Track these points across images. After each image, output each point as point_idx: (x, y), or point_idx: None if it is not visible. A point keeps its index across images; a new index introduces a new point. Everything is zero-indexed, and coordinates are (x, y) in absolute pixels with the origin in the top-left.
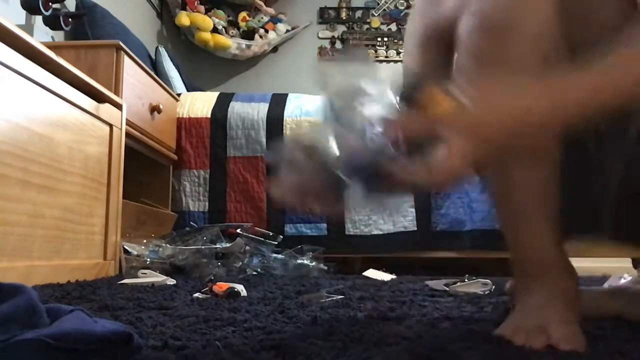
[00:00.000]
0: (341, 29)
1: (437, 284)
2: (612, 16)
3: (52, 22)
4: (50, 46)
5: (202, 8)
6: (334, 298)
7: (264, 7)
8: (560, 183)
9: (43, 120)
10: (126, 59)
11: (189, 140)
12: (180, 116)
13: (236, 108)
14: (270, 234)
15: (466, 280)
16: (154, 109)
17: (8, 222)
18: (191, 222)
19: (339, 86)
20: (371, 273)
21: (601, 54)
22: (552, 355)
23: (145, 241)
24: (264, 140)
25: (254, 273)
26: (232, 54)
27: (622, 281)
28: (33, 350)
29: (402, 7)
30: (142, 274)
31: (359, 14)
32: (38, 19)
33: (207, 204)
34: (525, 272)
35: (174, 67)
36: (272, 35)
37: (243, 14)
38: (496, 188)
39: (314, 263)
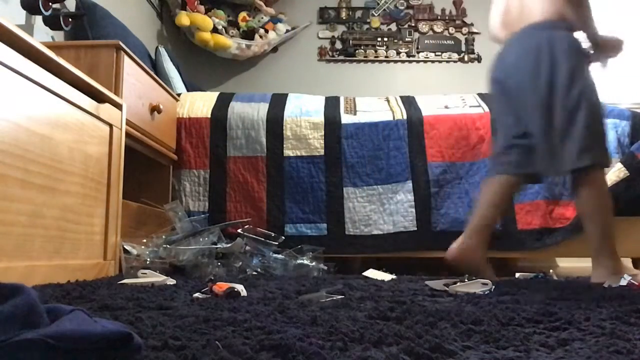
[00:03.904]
0: (341, 29)
1: (437, 284)
2: None
3: (52, 22)
4: (50, 46)
5: (202, 8)
6: (334, 298)
7: (264, 7)
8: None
9: (43, 120)
10: (126, 59)
11: (189, 140)
12: (180, 116)
13: (236, 108)
14: (272, 235)
15: (466, 280)
16: (154, 109)
17: (8, 222)
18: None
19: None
20: (371, 273)
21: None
22: (551, 354)
23: (145, 241)
24: (264, 140)
25: (254, 273)
26: (232, 54)
27: (622, 281)
28: (33, 350)
29: (402, 7)
30: (142, 274)
31: (359, 14)
32: (38, 19)
33: (207, 204)
34: None
35: (174, 67)
36: (272, 35)
37: (243, 14)
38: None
39: (314, 263)
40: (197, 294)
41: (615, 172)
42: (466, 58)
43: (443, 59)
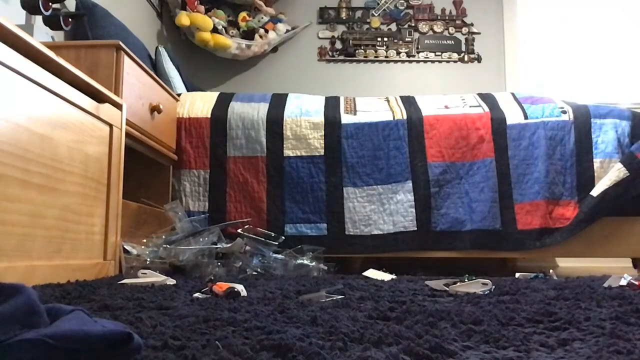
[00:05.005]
0: (341, 29)
1: (437, 284)
2: None
3: (52, 22)
4: (50, 46)
5: (202, 8)
6: (334, 298)
7: (264, 7)
8: None
9: (43, 120)
10: (126, 59)
11: (189, 140)
12: (180, 116)
13: (236, 108)
14: (272, 235)
15: (466, 280)
16: (154, 109)
17: (8, 222)
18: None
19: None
20: (371, 273)
21: None
22: (551, 354)
23: (145, 241)
24: (264, 140)
25: (254, 273)
26: (232, 54)
27: (622, 281)
28: (33, 350)
29: (402, 7)
30: (142, 274)
31: (359, 14)
32: (38, 19)
33: (207, 204)
34: None
35: (174, 67)
36: (272, 35)
37: (243, 14)
38: None
39: (314, 263)
40: (197, 294)
41: (615, 172)
42: (466, 58)
43: (443, 59)
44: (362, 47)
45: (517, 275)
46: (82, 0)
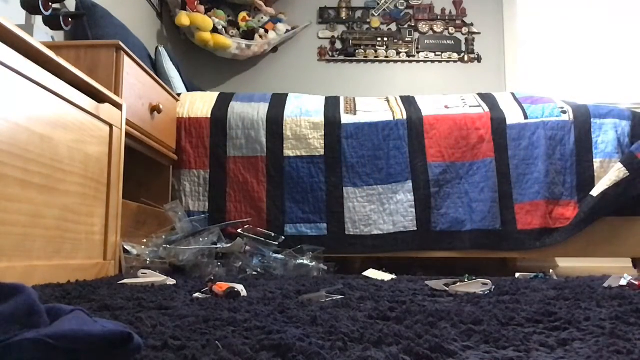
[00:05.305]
0: (341, 29)
1: (437, 284)
2: None
3: (52, 22)
4: (50, 46)
5: (202, 8)
6: (334, 298)
7: (264, 7)
8: None
9: (43, 120)
10: (126, 59)
11: (189, 140)
12: (180, 116)
13: (236, 108)
14: (272, 235)
15: (466, 280)
16: (154, 109)
17: (8, 222)
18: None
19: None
20: (371, 273)
21: None
22: (551, 354)
23: (145, 241)
24: (264, 140)
25: (254, 273)
26: (232, 54)
27: (622, 281)
28: (33, 350)
29: (402, 7)
30: (142, 274)
31: (359, 14)
32: (38, 19)
33: (207, 204)
34: None
35: (174, 67)
36: (272, 35)
37: (243, 14)
38: None
39: (314, 263)
40: (197, 294)
41: (615, 172)
42: (466, 58)
43: (443, 59)
44: (362, 47)
45: (517, 275)
46: (82, 0)
